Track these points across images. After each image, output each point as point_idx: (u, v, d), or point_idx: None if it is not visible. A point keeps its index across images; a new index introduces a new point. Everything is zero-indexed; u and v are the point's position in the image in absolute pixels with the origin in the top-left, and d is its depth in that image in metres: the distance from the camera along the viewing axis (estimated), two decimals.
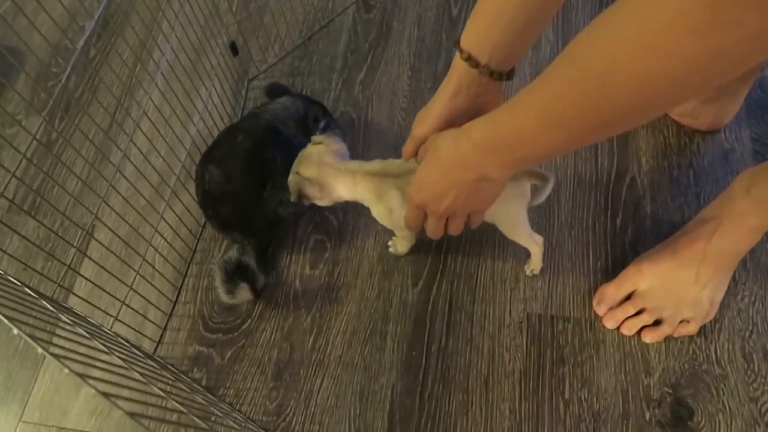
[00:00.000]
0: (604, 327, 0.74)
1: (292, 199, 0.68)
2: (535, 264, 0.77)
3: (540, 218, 0.82)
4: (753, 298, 0.74)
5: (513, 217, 0.70)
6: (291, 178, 0.68)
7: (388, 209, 0.68)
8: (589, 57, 0.39)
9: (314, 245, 0.84)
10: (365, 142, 0.91)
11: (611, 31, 0.37)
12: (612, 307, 0.73)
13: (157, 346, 0.78)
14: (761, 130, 0.86)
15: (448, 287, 0.79)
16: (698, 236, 0.69)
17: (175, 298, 0.81)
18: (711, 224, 0.69)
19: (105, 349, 0.41)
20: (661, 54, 0.34)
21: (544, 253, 0.76)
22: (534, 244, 0.74)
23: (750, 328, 0.73)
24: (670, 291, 0.70)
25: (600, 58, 0.38)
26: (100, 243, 0.82)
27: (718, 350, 0.72)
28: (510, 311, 0.77)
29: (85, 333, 0.41)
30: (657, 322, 0.72)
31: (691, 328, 0.72)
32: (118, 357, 0.40)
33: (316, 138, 0.70)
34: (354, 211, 0.85)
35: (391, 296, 0.79)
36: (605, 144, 0.87)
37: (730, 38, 0.32)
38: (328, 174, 0.67)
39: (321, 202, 0.69)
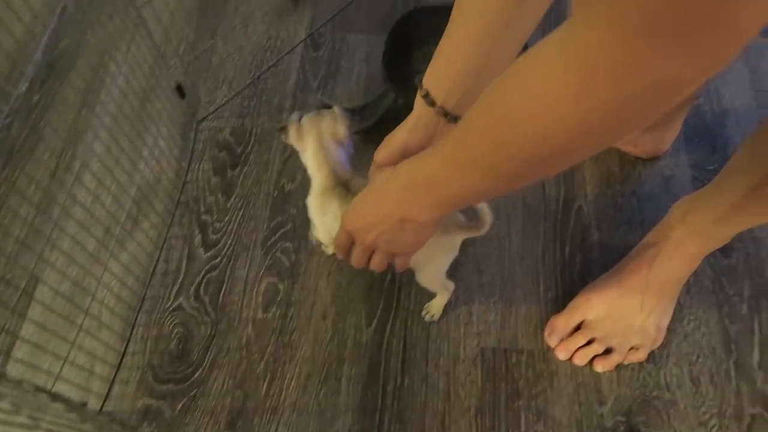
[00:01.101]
0: (556, 358, 0.75)
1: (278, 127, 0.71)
2: (435, 309, 0.77)
3: (491, 250, 0.83)
4: (698, 323, 0.76)
5: (436, 268, 0.69)
6: (292, 115, 0.69)
7: (321, 212, 0.68)
8: (498, 106, 0.39)
9: (266, 288, 0.83)
10: None
11: (518, 82, 0.37)
12: (563, 338, 0.74)
13: (105, 401, 0.75)
14: (698, 156, 0.89)
15: (402, 325, 0.79)
16: (640, 264, 0.71)
17: (123, 350, 0.79)
18: (651, 252, 0.70)
19: (31, 423, 0.39)
20: (562, 107, 0.34)
21: (497, 286, 0.76)
22: (445, 290, 0.74)
23: (696, 352, 0.74)
24: (618, 319, 0.72)
25: (507, 107, 0.38)
26: (41, 302, 0.80)
27: (667, 376, 0.73)
28: (464, 346, 0.77)
29: (8, 407, 0.39)
30: (607, 351, 0.73)
31: (640, 355, 0.73)
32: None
33: (336, 109, 0.69)
34: (306, 250, 0.85)
35: (346, 337, 0.78)
36: (552, 177, 0.89)
37: (631, 89, 0.32)
38: (309, 143, 0.67)
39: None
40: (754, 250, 0.81)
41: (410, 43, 0.95)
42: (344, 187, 0.66)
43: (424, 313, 0.78)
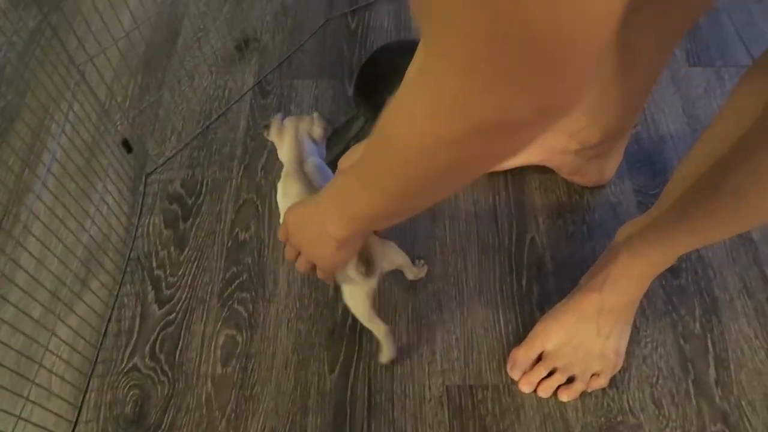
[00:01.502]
0: (521, 392, 0.75)
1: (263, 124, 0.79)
2: (383, 352, 0.75)
3: (449, 286, 0.84)
4: (655, 344, 0.78)
5: (352, 299, 0.70)
6: (276, 115, 0.78)
7: (283, 193, 0.73)
8: (387, 127, 0.40)
9: (225, 341, 0.81)
10: (271, 227, 0.90)
11: (397, 99, 0.37)
12: (525, 370, 0.74)
13: None
14: (641, 181, 0.92)
15: (365, 369, 0.78)
16: (591, 290, 0.72)
17: (75, 418, 0.75)
18: (600, 277, 0.72)
19: None
20: (419, 127, 0.35)
21: (458, 322, 0.76)
22: (377, 331, 0.73)
23: (656, 374, 0.76)
24: (577, 347, 0.72)
25: (386, 123, 0.39)
26: None
27: (630, 400, 0.74)
28: (429, 386, 0.76)
29: None
30: (570, 379, 0.74)
31: (602, 381, 0.73)
32: None
33: (315, 114, 0.78)
34: (263, 299, 0.83)
35: (309, 386, 0.77)
36: (503, 208, 0.90)
37: (470, 122, 0.32)
38: (287, 137, 0.76)
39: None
40: (702, 269, 0.83)
41: (379, 73, 0.98)
42: (308, 178, 0.71)
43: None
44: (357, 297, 0.69)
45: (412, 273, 0.80)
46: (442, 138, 0.35)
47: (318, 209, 0.56)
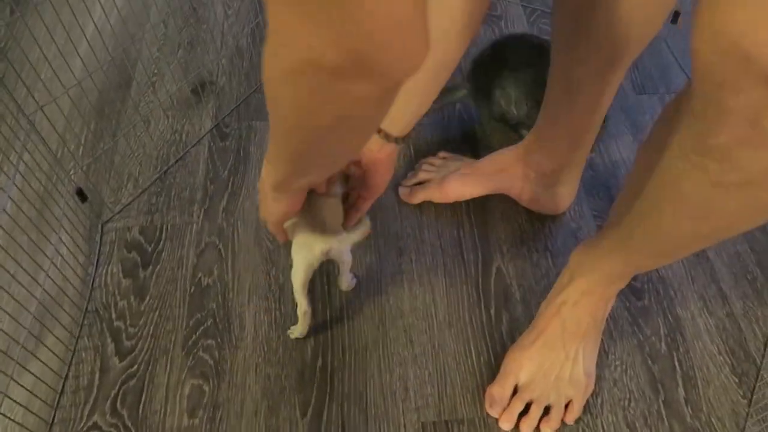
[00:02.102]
0: (499, 426, 0.74)
1: None
2: (294, 328, 0.80)
3: (419, 320, 0.83)
4: (624, 366, 0.78)
5: (293, 276, 0.73)
6: None
7: None
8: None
9: (191, 391, 0.78)
10: (234, 270, 0.88)
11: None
12: (504, 407, 0.74)
13: None
14: (599, 206, 0.94)
15: (338, 411, 0.76)
16: (552, 315, 0.73)
17: None
18: (558, 300, 0.73)
19: None
20: (274, 64, 0.37)
21: (430, 356, 0.76)
22: (299, 307, 0.76)
23: (627, 396, 0.76)
24: (548, 374, 0.72)
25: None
26: None
27: (604, 425, 0.74)
28: (404, 425, 0.75)
29: None
30: (548, 408, 0.73)
31: (576, 409, 0.73)
32: None
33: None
34: (230, 345, 0.81)
35: None
36: (468, 239, 0.91)
37: (290, 63, 0.35)
38: None
39: None
40: (663, 290, 0.85)
41: (495, 59, 0.98)
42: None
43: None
44: (297, 265, 0.72)
45: (344, 280, 0.83)
46: (279, 70, 0.36)
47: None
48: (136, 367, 0.80)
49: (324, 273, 0.87)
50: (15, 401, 0.72)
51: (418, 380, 0.78)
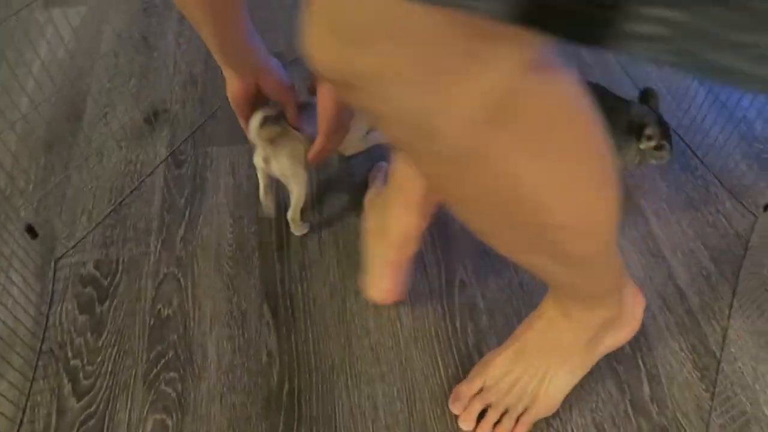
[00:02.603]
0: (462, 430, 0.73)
1: None
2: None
3: (385, 338, 0.82)
4: (590, 370, 0.79)
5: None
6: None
7: None
8: None
9: (153, 427, 0.75)
10: (195, 299, 0.86)
11: None
12: (465, 406, 0.74)
13: None
14: None
15: None
16: (527, 326, 0.73)
17: None
18: (537, 312, 0.73)
19: None
20: None
21: (397, 373, 0.75)
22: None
23: (595, 399, 0.77)
24: (514, 382, 0.72)
25: None
26: None
27: (573, 428, 0.74)
28: None
29: None
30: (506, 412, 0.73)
31: (524, 421, 0.72)
32: None
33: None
34: (193, 376, 0.79)
35: None
36: (430, 253, 0.91)
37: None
38: None
39: None
40: None
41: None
42: None
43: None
44: (256, 162, 0.85)
45: (290, 213, 0.89)
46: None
47: None
48: (95, 406, 0.77)
49: (287, 295, 0.87)
50: None
51: (387, 398, 0.77)
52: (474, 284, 0.88)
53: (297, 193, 0.86)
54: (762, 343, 0.81)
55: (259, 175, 0.88)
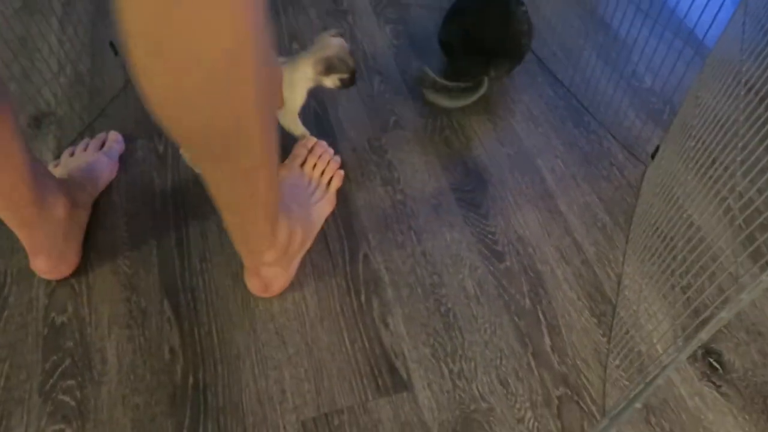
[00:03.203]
0: (378, 406, 0.74)
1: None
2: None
3: (290, 320, 0.82)
4: (493, 328, 0.80)
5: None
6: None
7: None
8: None
9: None
10: (91, 304, 0.83)
11: None
12: None
13: None
14: (456, 180, 0.97)
15: (215, 427, 0.73)
16: None
17: None
18: None
19: None
20: None
21: (304, 354, 0.74)
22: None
23: (498, 355, 0.78)
24: None
25: None
26: None
27: (479, 386, 0.75)
28: (284, 426, 0.73)
29: None
30: None
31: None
32: None
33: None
34: (92, 382, 0.76)
35: None
36: (333, 230, 0.91)
37: None
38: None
39: None
40: (522, 248, 0.88)
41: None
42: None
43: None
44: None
45: None
46: None
47: None
48: None
49: (188, 290, 0.84)
50: None
51: (295, 380, 0.76)
52: (377, 257, 0.88)
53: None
54: (653, 284, 0.84)
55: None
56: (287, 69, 0.88)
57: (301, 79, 0.89)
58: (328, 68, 0.88)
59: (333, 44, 0.89)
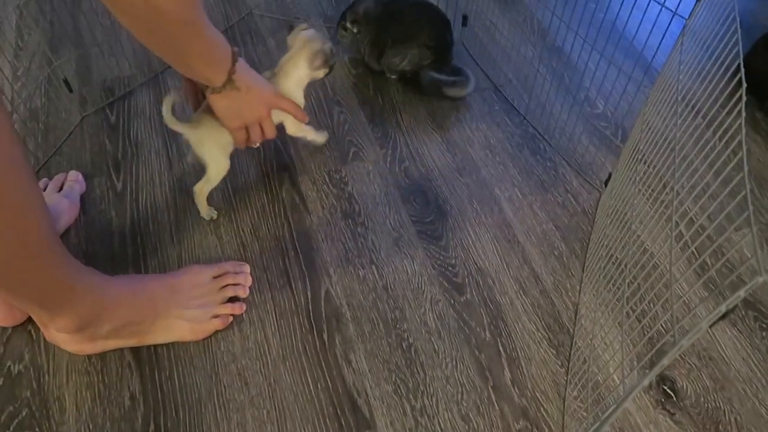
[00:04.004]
0: None
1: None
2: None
3: (252, 361, 0.81)
4: (454, 362, 0.82)
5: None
6: (301, 25, 0.95)
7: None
8: None
9: None
10: (48, 350, 0.82)
11: None
12: None
13: None
14: (416, 211, 0.98)
15: None
16: None
17: None
18: None
19: None
20: None
21: (266, 395, 0.74)
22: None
23: (460, 390, 0.79)
24: None
25: None
26: None
27: (441, 423, 0.76)
28: None
29: None
30: None
31: None
32: None
33: (328, 45, 0.93)
34: (49, 430, 0.75)
35: None
36: (294, 267, 0.91)
37: None
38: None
39: None
40: (482, 280, 0.90)
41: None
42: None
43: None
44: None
45: (201, 183, 0.92)
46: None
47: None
48: None
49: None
50: None
51: (257, 422, 0.76)
52: (339, 292, 0.88)
53: (211, 174, 0.91)
54: (608, 312, 0.86)
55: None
56: (278, 78, 0.91)
57: (297, 82, 0.92)
58: (326, 60, 0.91)
59: (313, 37, 0.92)
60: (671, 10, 0.77)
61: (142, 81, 1.16)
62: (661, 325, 0.85)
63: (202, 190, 0.92)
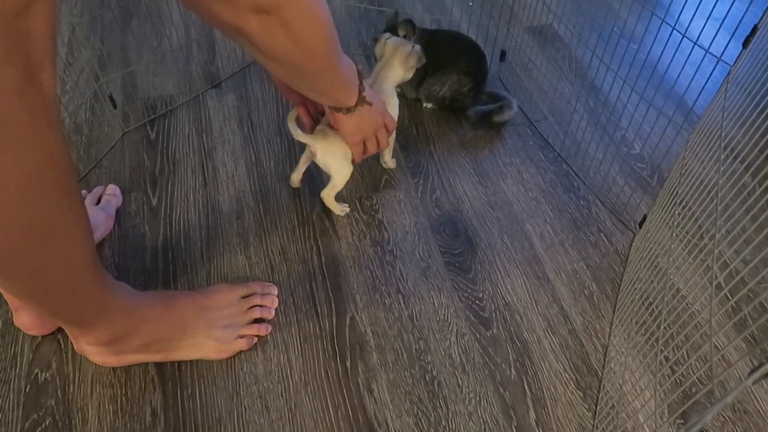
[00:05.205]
0: None
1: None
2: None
3: (274, 384, 0.81)
4: (478, 398, 0.80)
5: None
6: (383, 34, 1.04)
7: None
8: None
9: None
10: (75, 360, 0.83)
11: None
12: None
13: None
14: (445, 242, 0.97)
15: None
16: None
17: None
18: None
19: None
20: None
21: (286, 420, 0.74)
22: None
23: (482, 428, 0.77)
24: None
25: None
26: None
27: None
28: None
29: None
30: None
31: None
32: None
33: (417, 47, 1.00)
34: None
35: None
36: (321, 292, 0.91)
37: None
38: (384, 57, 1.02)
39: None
40: (509, 316, 0.88)
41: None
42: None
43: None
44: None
45: (329, 189, 0.98)
46: None
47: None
48: None
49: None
50: None
51: None
52: (364, 320, 0.88)
53: (337, 181, 0.97)
54: (640, 357, 0.84)
55: (302, 158, 1.01)
56: (378, 85, 0.98)
57: (393, 84, 1.00)
58: (419, 59, 0.99)
59: (400, 42, 1.00)
60: (716, 56, 0.77)
61: (184, 100, 1.19)
62: (696, 377, 0.82)
63: (329, 195, 0.98)
